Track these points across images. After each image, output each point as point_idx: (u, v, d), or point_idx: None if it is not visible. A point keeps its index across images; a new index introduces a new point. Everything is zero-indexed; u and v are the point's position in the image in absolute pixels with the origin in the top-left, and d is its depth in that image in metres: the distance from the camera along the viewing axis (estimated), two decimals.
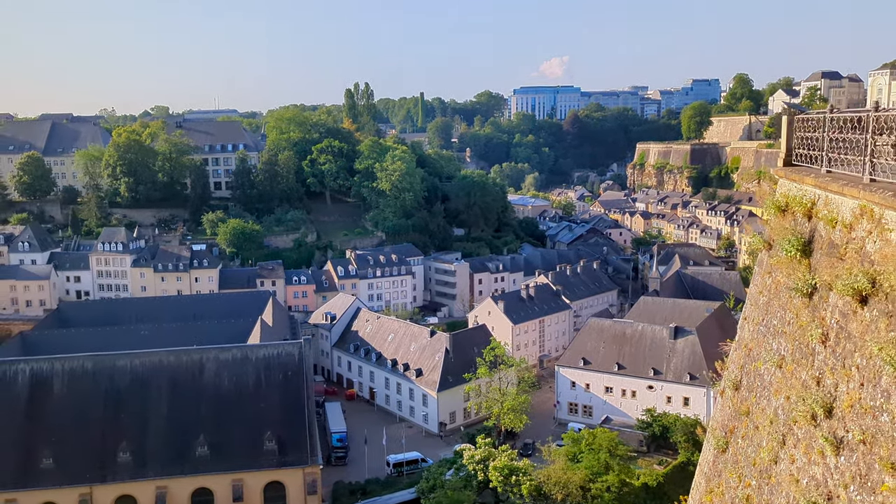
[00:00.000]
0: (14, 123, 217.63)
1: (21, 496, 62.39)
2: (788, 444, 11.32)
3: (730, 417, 14.74)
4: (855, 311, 9.81)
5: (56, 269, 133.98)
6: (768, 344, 13.31)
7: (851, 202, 10.61)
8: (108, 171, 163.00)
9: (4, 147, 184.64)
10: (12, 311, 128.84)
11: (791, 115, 14.07)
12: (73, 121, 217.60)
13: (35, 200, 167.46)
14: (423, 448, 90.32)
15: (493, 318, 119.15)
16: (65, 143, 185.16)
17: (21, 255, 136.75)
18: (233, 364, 69.38)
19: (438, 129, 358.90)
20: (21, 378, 65.96)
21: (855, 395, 9.40)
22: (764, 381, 13.17)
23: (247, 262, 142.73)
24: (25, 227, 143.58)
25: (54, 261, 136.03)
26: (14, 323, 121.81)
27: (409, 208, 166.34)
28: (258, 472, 65.53)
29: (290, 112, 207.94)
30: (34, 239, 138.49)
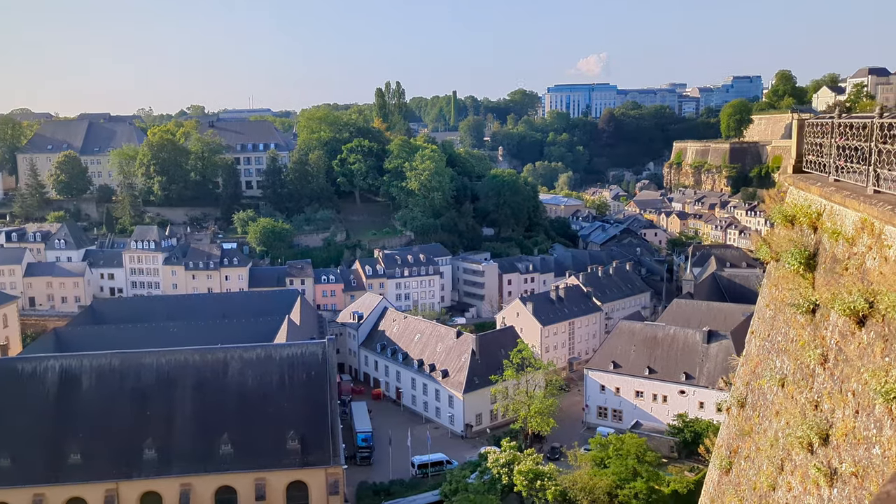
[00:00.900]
0: (53, 123, 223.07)
1: (49, 491, 63.70)
2: (786, 471, 10.74)
3: (734, 437, 14.15)
4: (853, 332, 9.22)
5: (90, 267, 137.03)
6: (772, 361, 12.71)
7: (854, 215, 9.98)
8: (141, 170, 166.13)
9: (43, 146, 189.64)
10: (48, 307, 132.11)
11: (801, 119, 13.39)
12: (109, 120, 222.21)
13: (72, 199, 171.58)
14: (449, 450, 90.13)
15: (522, 320, 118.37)
16: (101, 143, 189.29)
17: (57, 252, 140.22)
18: (257, 363, 69.89)
19: (470, 128, 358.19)
20: (51, 374, 67.34)
21: (850, 423, 8.82)
22: (767, 400, 12.58)
23: (276, 261, 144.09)
24: (62, 224, 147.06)
25: (89, 258, 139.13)
26: (49, 319, 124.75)
27: (438, 208, 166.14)
28: (281, 471, 65.88)
29: (320, 112, 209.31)
30: (70, 236, 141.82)
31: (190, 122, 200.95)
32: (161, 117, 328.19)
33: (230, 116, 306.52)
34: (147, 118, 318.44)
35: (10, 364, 70.93)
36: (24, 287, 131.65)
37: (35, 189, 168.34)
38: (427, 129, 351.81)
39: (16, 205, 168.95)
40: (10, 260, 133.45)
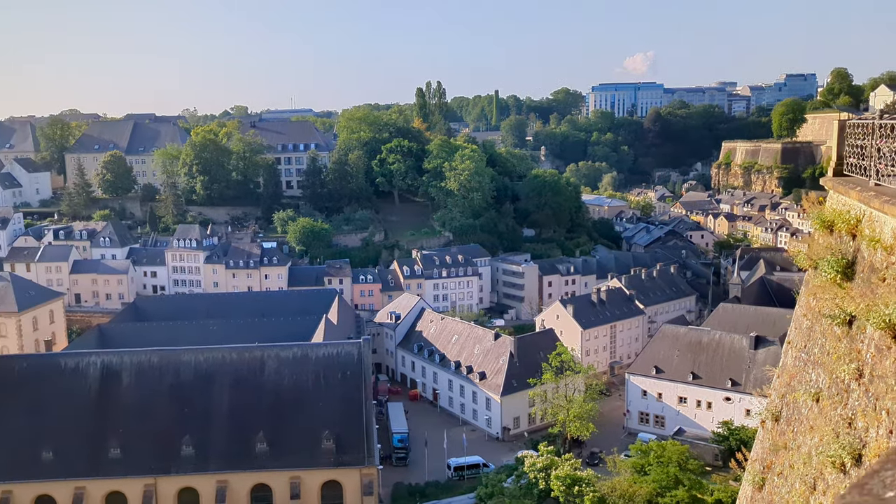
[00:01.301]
0: (100, 123, 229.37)
1: (90, 484, 65.49)
2: (818, 491, 10.28)
3: (768, 451, 13.64)
4: (889, 347, 8.74)
5: (134, 264, 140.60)
6: (807, 374, 12.20)
7: (893, 221, 9.48)
8: (184, 169, 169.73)
9: (90, 146, 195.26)
10: (93, 303, 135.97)
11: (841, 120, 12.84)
12: (154, 121, 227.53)
13: (117, 198, 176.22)
14: (485, 453, 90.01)
15: (562, 323, 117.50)
16: (146, 143, 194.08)
17: (102, 249, 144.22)
18: (293, 362, 70.70)
19: (512, 128, 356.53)
20: (93, 370, 69.19)
21: (883, 443, 8.36)
22: (801, 415, 12.08)
23: (315, 261, 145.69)
24: (107, 223, 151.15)
25: (133, 256, 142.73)
26: (94, 315, 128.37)
27: (478, 208, 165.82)
28: (315, 470, 66.53)
29: (360, 112, 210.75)
30: (115, 235, 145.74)
31: (232, 123, 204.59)
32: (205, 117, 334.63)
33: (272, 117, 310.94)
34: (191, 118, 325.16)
35: (54, 359, 73.16)
36: (70, 284, 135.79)
37: (82, 188, 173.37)
38: (468, 128, 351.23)
39: (64, 203, 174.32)
40: (57, 257, 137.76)
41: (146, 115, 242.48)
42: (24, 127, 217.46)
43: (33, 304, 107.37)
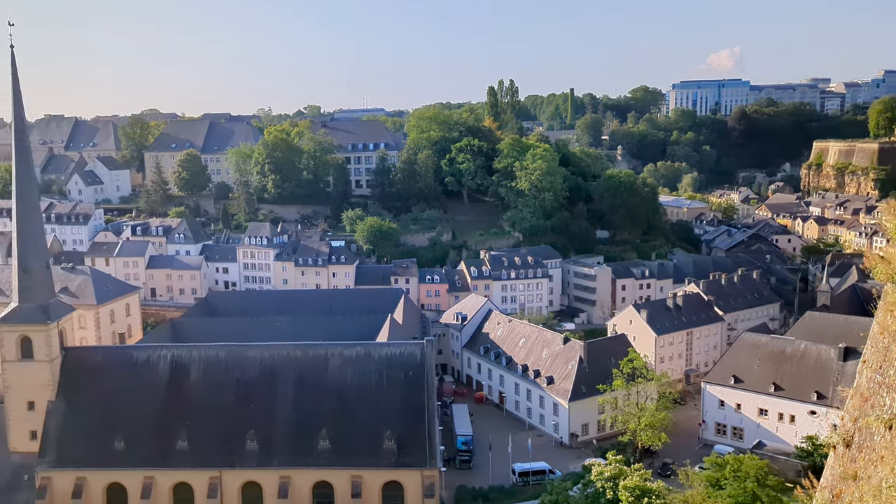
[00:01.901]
0: (177, 123, 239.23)
1: (158, 474, 67.96)
2: None
3: (838, 479, 12.69)
4: None
5: (207, 261, 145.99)
6: (882, 398, 11.28)
7: None
8: (256, 168, 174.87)
9: (168, 145, 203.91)
10: (167, 297, 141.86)
11: None
12: (229, 120, 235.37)
13: (192, 195, 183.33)
14: (552, 459, 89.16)
15: (635, 328, 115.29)
16: (220, 142, 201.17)
17: (177, 246, 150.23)
18: (356, 361, 71.46)
19: (588, 127, 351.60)
20: (162, 363, 71.76)
21: None
22: (873, 442, 11.16)
23: (382, 260, 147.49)
24: (182, 220, 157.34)
25: (206, 252, 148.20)
26: (168, 309, 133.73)
27: (549, 209, 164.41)
28: (377, 470, 67.03)
29: (430, 111, 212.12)
30: (189, 231, 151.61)
31: (304, 122, 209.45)
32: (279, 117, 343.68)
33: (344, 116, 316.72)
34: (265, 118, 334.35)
35: (126, 352, 76.41)
36: (146, 278, 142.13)
37: (159, 186, 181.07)
38: (542, 127, 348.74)
39: (142, 200, 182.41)
40: (134, 252, 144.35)
41: (221, 115, 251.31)
42: (107, 126, 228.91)
43: (111, 298, 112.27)
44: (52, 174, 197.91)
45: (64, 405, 69.51)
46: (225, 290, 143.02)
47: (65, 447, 68.25)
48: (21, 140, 72.09)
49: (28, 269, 70.44)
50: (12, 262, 73.77)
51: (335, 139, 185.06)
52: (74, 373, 70.84)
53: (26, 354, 69.41)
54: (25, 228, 70.98)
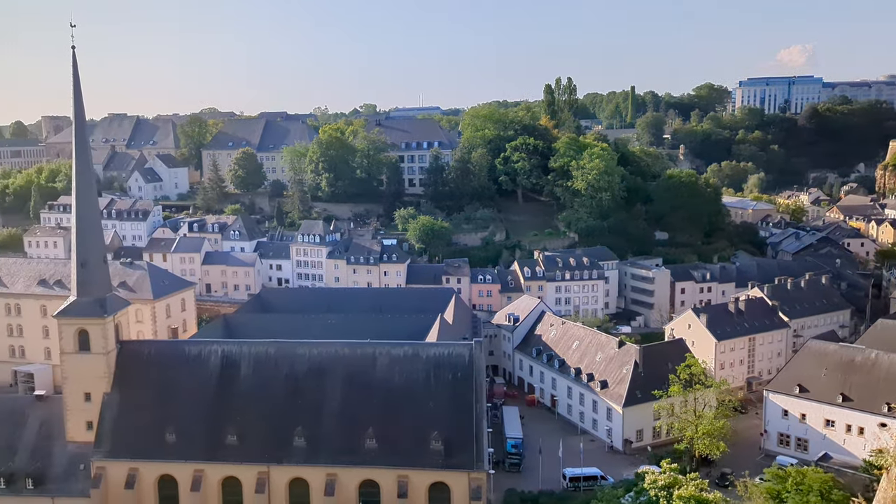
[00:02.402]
0: (234, 122, 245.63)
1: (208, 468, 69.49)
2: None
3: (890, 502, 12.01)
4: None
5: (261, 258, 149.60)
6: None
7: None
8: (311, 166, 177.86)
9: (225, 143, 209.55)
10: (222, 293, 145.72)
11: None
12: (285, 119, 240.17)
13: (247, 193, 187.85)
14: (604, 465, 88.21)
15: (694, 332, 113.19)
16: (276, 140, 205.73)
17: (232, 242, 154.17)
18: (404, 360, 71.66)
19: (649, 125, 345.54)
20: (213, 358, 73.29)
21: None
22: None
23: (434, 259, 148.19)
24: (237, 217, 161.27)
25: (260, 249, 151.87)
26: (222, 304, 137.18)
27: (606, 209, 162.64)
28: (423, 471, 67.04)
29: (485, 109, 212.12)
30: (244, 228, 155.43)
31: (359, 121, 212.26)
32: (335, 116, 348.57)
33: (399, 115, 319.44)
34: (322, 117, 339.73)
35: (179, 347, 78.38)
36: (201, 274, 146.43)
37: (216, 183, 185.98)
38: (601, 126, 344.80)
39: (198, 197, 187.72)
40: (190, 248, 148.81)
41: (278, 114, 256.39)
42: (167, 125, 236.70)
43: (167, 293, 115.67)
44: (114, 171, 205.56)
45: (118, 397, 71.65)
46: (278, 286, 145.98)
47: (119, 438, 70.37)
48: (81, 139, 74.78)
49: (86, 263, 72.88)
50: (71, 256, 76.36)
51: (389, 138, 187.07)
52: (129, 366, 72.94)
53: (83, 347, 71.77)
54: (84, 224, 73.45)
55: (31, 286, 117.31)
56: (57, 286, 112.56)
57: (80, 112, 74.21)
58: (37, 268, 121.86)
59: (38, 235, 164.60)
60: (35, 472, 70.89)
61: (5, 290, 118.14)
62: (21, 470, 71.17)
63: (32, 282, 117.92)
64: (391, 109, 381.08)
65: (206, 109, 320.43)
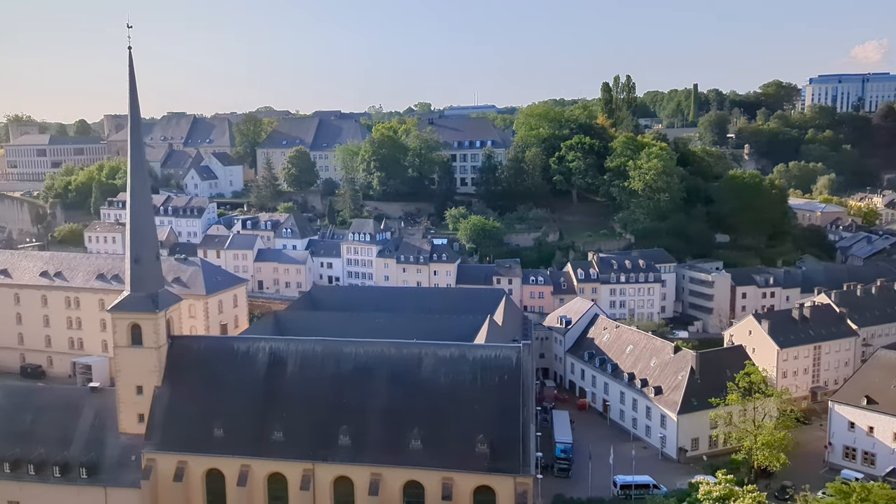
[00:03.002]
0: (288, 120, 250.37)
1: (254, 463, 70.75)
2: None
3: None
4: None
5: (312, 255, 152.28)
6: None
7: None
8: (363, 165, 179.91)
9: (279, 142, 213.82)
10: (274, 290, 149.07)
11: None
12: (339, 118, 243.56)
13: (300, 191, 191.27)
14: (657, 473, 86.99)
15: (755, 339, 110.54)
16: (329, 139, 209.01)
17: (284, 240, 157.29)
18: (450, 362, 71.59)
19: (711, 124, 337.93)
20: (261, 355, 74.54)
21: None
22: None
23: (485, 259, 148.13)
24: (289, 215, 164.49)
25: (311, 247, 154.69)
26: (274, 301, 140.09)
27: (664, 210, 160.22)
28: (468, 473, 66.87)
29: (540, 108, 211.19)
30: (296, 226, 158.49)
31: (412, 120, 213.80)
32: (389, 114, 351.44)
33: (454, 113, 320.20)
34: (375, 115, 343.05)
35: (228, 343, 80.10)
36: (254, 271, 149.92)
37: (269, 181, 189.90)
38: (661, 124, 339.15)
39: (252, 195, 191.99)
40: (244, 245, 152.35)
41: (332, 112, 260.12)
42: (223, 123, 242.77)
43: (220, 289, 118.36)
44: (171, 169, 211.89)
45: (169, 391, 73.59)
46: (329, 284, 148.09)
47: (169, 431, 72.28)
48: (136, 138, 76.99)
49: (139, 259, 75.12)
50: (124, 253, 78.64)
51: (441, 136, 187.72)
52: (179, 360, 74.83)
53: (136, 341, 73.95)
54: (137, 221, 75.64)
55: (90, 280, 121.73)
56: (114, 280, 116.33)
57: (136, 111, 76.38)
58: (95, 262, 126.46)
59: (98, 231, 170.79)
60: (88, 461, 73.40)
61: (65, 284, 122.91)
62: (75, 459, 73.80)
63: (91, 276, 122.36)
64: (445, 108, 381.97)
65: (261, 108, 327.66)
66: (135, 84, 74.82)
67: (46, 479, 73.70)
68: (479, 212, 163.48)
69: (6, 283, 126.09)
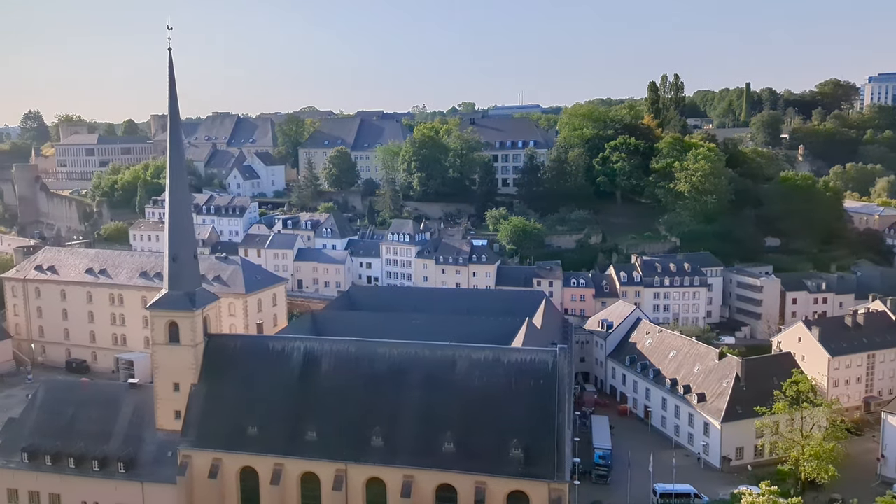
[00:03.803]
0: (330, 120, 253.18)
1: (288, 462, 71.51)
2: None
3: None
4: None
5: (351, 255, 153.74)
6: None
7: None
8: (403, 165, 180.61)
9: (321, 142, 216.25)
10: (313, 290, 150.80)
11: None
12: (382, 118, 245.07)
13: (341, 191, 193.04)
14: (698, 482, 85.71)
15: (805, 346, 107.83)
16: (370, 139, 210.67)
17: (324, 240, 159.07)
18: (484, 365, 71.30)
19: (764, 124, 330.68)
20: (296, 354, 75.28)
21: None
22: None
23: (525, 261, 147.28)
24: (329, 215, 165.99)
25: (351, 247, 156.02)
26: (313, 300, 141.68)
27: (711, 213, 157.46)
28: (502, 478, 66.48)
29: (584, 108, 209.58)
30: (336, 226, 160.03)
31: (454, 120, 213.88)
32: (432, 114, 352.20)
33: (497, 113, 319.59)
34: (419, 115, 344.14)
35: (263, 342, 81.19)
36: (293, 270, 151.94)
37: (310, 181, 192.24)
38: (711, 125, 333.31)
39: (293, 195, 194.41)
40: (284, 245, 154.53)
41: (374, 112, 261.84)
42: (265, 123, 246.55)
43: (259, 288, 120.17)
44: (215, 168, 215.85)
45: (205, 388, 74.82)
46: (367, 284, 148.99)
47: (204, 428, 73.51)
48: (175, 137, 78.55)
49: (177, 258, 76.72)
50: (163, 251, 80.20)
51: (482, 137, 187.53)
52: (216, 358, 76.07)
53: (173, 339, 75.42)
54: (176, 221, 77.24)
55: (133, 278, 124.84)
56: (157, 278, 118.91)
57: (175, 111, 77.90)
58: (139, 260, 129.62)
59: (143, 229, 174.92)
60: (126, 457, 75.12)
61: (110, 281, 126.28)
62: (114, 454, 75.61)
63: (134, 273, 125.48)
64: (490, 108, 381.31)
65: (304, 108, 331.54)
66: (174, 85, 76.22)
67: (86, 472, 75.72)
68: (520, 213, 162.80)
69: (53, 279, 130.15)
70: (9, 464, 77.62)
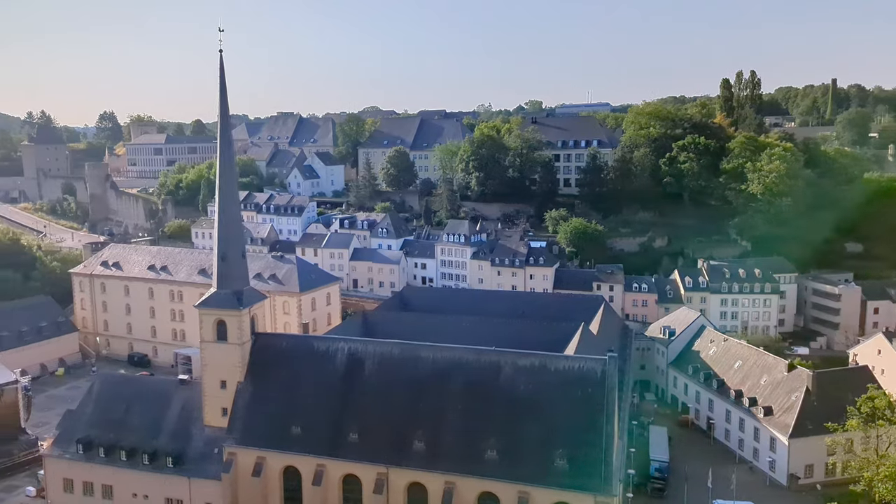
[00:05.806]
0: (390, 120, 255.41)
1: (330, 464, 72.05)
2: None
3: None
4: None
5: (406, 256, 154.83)
6: None
7: None
8: (461, 165, 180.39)
9: (380, 142, 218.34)
10: (368, 289, 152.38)
11: None
12: (443, 117, 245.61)
13: (398, 191, 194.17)
14: (763, 500, 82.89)
15: (885, 359, 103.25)
16: (429, 139, 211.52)
17: (380, 240, 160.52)
18: (530, 371, 70.21)
19: (850, 123, 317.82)
20: (340, 355, 75.87)
21: None
22: None
23: (585, 264, 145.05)
24: (385, 215, 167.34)
25: (406, 247, 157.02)
26: (367, 300, 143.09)
27: (786, 216, 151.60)
28: (546, 488, 65.25)
29: (651, 107, 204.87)
30: (391, 226, 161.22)
31: (515, 119, 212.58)
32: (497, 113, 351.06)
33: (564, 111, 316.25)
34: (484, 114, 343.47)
35: (308, 342, 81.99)
36: (349, 270, 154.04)
37: (368, 181, 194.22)
38: (793, 123, 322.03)
39: (351, 195, 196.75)
40: (340, 244, 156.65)
41: (436, 112, 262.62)
42: (327, 123, 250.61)
43: (313, 287, 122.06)
44: (276, 167, 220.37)
45: (251, 387, 76.23)
46: (422, 285, 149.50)
47: (249, 427, 74.86)
48: (225, 138, 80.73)
49: (226, 257, 78.33)
50: (213, 250, 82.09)
51: (545, 136, 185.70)
52: (262, 357, 77.44)
53: (221, 337, 77.06)
54: (225, 220, 79.05)
55: (192, 275, 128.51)
56: None
57: (225, 112, 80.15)
58: (198, 258, 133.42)
59: (204, 227, 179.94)
60: (174, 451, 77.20)
61: (170, 278, 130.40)
62: (163, 449, 77.82)
63: (194, 270, 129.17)
64: (557, 105, 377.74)
65: (367, 108, 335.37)
66: (224, 85, 78.07)
67: (136, 465, 78.07)
68: (581, 214, 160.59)
69: (118, 275, 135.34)
70: (65, 454, 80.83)
